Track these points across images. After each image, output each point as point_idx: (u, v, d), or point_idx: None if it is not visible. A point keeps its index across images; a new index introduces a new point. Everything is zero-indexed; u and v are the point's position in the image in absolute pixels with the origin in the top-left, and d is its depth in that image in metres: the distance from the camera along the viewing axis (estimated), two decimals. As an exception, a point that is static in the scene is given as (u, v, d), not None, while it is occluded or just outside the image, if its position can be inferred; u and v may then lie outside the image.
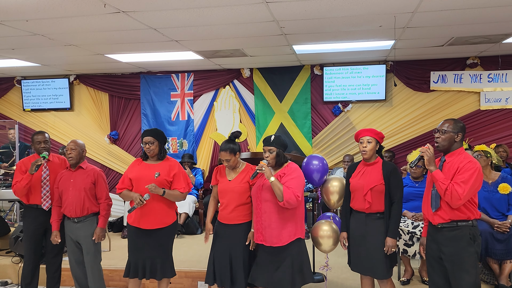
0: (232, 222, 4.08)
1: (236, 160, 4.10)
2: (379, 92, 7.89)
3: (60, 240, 4.57)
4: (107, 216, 4.52)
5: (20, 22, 4.97)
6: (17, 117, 9.27)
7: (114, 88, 8.88)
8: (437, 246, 3.52)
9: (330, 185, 4.65)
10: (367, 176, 3.93)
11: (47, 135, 4.76)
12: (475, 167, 3.38)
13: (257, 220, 3.90)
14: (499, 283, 4.77)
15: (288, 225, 3.81)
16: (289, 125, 8.28)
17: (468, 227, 3.43)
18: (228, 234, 4.09)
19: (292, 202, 3.68)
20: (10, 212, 8.11)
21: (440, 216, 3.48)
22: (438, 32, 5.80)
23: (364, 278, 4.11)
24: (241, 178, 4.09)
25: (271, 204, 3.80)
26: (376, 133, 3.97)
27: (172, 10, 4.61)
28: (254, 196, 3.95)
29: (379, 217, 3.88)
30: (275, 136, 3.91)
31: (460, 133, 3.49)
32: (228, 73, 8.44)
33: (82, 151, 4.54)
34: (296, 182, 3.77)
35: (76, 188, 4.43)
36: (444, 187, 3.35)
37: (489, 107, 7.63)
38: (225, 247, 4.08)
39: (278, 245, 3.80)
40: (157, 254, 4.19)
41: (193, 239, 7.11)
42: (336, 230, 4.52)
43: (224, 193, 4.13)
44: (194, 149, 8.66)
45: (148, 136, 4.18)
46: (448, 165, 3.49)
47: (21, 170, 4.64)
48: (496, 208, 4.91)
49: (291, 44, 6.35)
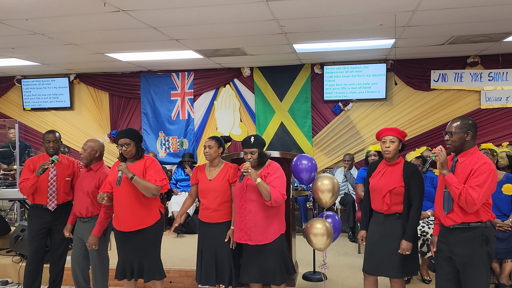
0: (215, 220, 4.12)
1: (216, 153, 4.16)
2: (380, 91, 7.88)
3: (70, 234, 4.58)
4: (103, 224, 4.32)
5: (20, 21, 4.96)
6: (17, 116, 9.27)
7: (114, 87, 8.88)
8: (448, 247, 3.44)
9: (321, 183, 4.66)
10: (387, 177, 3.87)
11: (58, 135, 4.73)
12: (490, 169, 3.25)
13: (240, 220, 3.94)
14: (500, 282, 4.77)
15: (274, 222, 3.92)
16: (290, 124, 8.28)
17: (481, 228, 3.33)
18: (211, 233, 4.14)
19: (279, 201, 3.80)
20: (10, 211, 8.11)
21: (451, 219, 3.39)
22: (438, 31, 5.79)
23: (368, 278, 4.07)
24: (222, 177, 4.12)
25: (257, 203, 3.87)
26: (399, 132, 3.89)
27: (172, 9, 4.61)
28: (237, 196, 3.98)
29: (398, 217, 3.83)
30: (254, 137, 3.95)
31: (470, 131, 3.36)
32: (228, 72, 8.43)
33: (95, 152, 4.47)
34: (280, 180, 3.89)
35: (82, 190, 4.45)
36: (458, 192, 3.23)
37: (490, 106, 7.61)
38: (210, 246, 4.13)
39: (263, 242, 3.89)
40: (143, 256, 4.11)
41: (193, 238, 7.09)
42: (329, 228, 4.51)
43: (204, 192, 4.16)
44: (195, 148, 8.66)
45: (123, 138, 4.06)
46: (461, 165, 3.37)
47: (29, 168, 4.63)
48: (499, 208, 4.87)
49: (292, 43, 6.34)
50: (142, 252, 4.10)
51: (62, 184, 4.68)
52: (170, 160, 8.72)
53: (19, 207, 7.63)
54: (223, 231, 4.10)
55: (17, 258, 5.77)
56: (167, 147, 8.76)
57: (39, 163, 4.58)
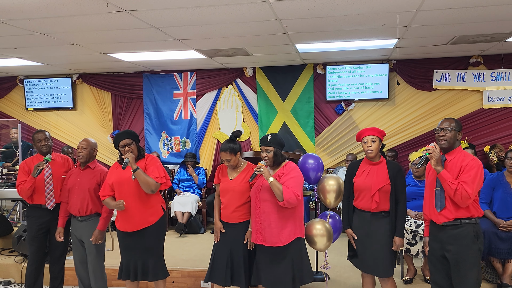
0: (233, 221, 4.10)
1: (236, 159, 4.09)
2: (382, 91, 7.87)
3: (62, 239, 4.57)
4: (108, 218, 4.44)
5: (22, 21, 4.97)
6: (20, 117, 9.27)
7: (116, 87, 8.88)
8: (440, 245, 3.53)
9: (327, 183, 4.66)
10: (373, 176, 3.92)
11: (47, 133, 4.75)
12: (478, 164, 3.43)
13: (256, 220, 3.90)
14: (502, 282, 4.77)
15: (288, 224, 3.82)
16: (292, 124, 8.28)
17: (472, 224, 3.45)
18: (229, 233, 4.11)
19: (292, 202, 3.68)
20: (13, 211, 8.12)
21: (444, 216, 3.48)
22: (441, 31, 5.78)
23: (366, 276, 4.13)
24: (242, 178, 4.09)
25: (270, 204, 3.81)
26: (379, 132, 3.99)
27: (174, 9, 4.61)
28: (252, 196, 3.96)
29: (384, 215, 3.90)
30: (271, 136, 3.89)
31: (461, 131, 3.58)
32: (231, 72, 8.43)
33: (93, 151, 4.55)
34: (295, 181, 3.77)
35: (81, 188, 4.44)
36: (454, 187, 3.35)
37: (492, 106, 7.60)
38: (226, 246, 4.10)
39: (278, 245, 3.81)
40: (148, 255, 4.13)
41: (196, 239, 7.11)
42: (329, 228, 4.52)
43: (225, 192, 4.14)
44: (197, 148, 8.66)
45: (125, 139, 4.08)
46: (450, 164, 3.50)
47: (24, 170, 4.65)
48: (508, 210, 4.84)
49: (294, 43, 6.34)
50: (147, 251, 4.12)
51: (58, 183, 4.68)
52: (172, 160, 8.72)
53: (21, 207, 7.64)
54: (241, 231, 4.08)
55: (19, 258, 5.78)
56: (169, 147, 8.77)
57: (33, 164, 4.59)
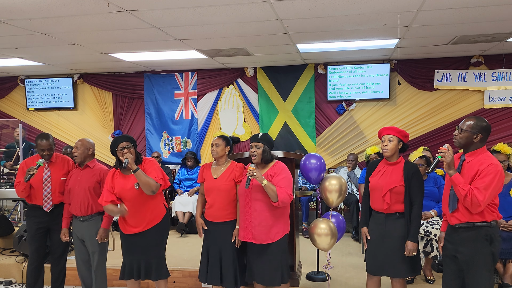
0: (220, 220, 4.13)
1: (223, 151, 4.17)
2: (383, 91, 7.88)
3: (68, 239, 4.58)
4: (111, 216, 4.42)
5: (24, 21, 4.97)
6: (21, 116, 9.29)
7: (117, 87, 8.89)
8: (453, 246, 3.45)
9: (329, 183, 4.66)
10: (387, 176, 3.86)
11: (51, 140, 4.66)
12: (496, 170, 3.23)
13: (245, 219, 3.95)
14: (503, 282, 4.77)
15: (278, 222, 3.91)
16: (293, 124, 8.28)
17: (485, 228, 3.31)
18: (217, 233, 4.14)
19: (286, 201, 3.81)
20: (14, 211, 8.13)
21: (456, 218, 3.39)
22: (442, 31, 5.78)
23: (371, 278, 4.05)
24: (227, 176, 4.12)
25: (262, 203, 3.87)
26: (398, 131, 3.88)
27: (175, 9, 4.61)
28: (242, 195, 3.99)
29: (399, 217, 3.83)
30: (263, 134, 4.02)
31: (480, 134, 3.32)
32: (232, 72, 8.43)
33: (88, 150, 4.51)
34: (286, 181, 3.88)
35: (82, 187, 4.43)
36: (464, 193, 3.22)
37: (493, 106, 7.59)
38: (215, 245, 4.14)
39: (267, 242, 3.89)
40: (151, 255, 4.13)
41: (197, 239, 7.04)
42: (333, 228, 4.51)
43: (210, 191, 4.17)
44: (198, 148, 8.67)
45: (124, 142, 4.05)
46: (468, 165, 3.35)
47: (23, 170, 4.63)
48: (506, 211, 4.82)
49: (295, 43, 6.34)
50: (150, 251, 4.12)
51: (57, 185, 4.64)
52: (173, 160, 8.72)
53: (22, 207, 7.64)
54: (228, 230, 4.10)
55: (20, 258, 5.78)
56: (170, 147, 8.77)
57: (32, 164, 4.56)
